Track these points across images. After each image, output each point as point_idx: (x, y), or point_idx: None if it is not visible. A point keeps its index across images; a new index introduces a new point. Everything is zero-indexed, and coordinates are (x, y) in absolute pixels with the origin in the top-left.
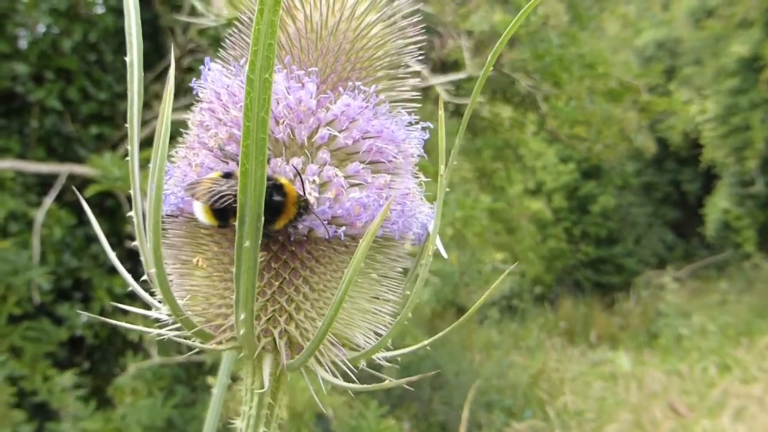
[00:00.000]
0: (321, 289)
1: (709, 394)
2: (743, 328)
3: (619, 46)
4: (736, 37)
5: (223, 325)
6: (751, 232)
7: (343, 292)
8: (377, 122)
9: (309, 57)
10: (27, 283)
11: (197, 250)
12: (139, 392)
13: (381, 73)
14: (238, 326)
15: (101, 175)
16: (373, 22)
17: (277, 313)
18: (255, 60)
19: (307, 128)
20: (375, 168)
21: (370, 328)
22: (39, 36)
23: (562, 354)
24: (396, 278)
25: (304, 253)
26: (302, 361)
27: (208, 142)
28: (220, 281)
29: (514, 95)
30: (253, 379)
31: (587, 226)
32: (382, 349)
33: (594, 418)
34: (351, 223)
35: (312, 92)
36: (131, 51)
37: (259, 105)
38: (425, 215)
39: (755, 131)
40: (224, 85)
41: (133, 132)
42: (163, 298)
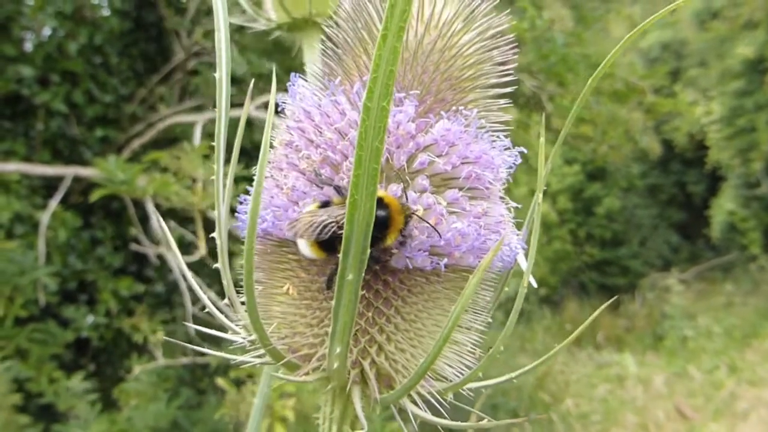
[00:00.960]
0: (412, 319)
1: (715, 397)
2: (749, 330)
3: (625, 47)
4: (742, 38)
5: (311, 356)
6: (757, 234)
7: (449, 329)
8: (476, 147)
9: (405, 78)
10: (33, 284)
11: (282, 275)
12: (144, 394)
13: (476, 94)
14: (331, 360)
15: (106, 179)
16: (471, 40)
17: (367, 345)
18: (374, 87)
19: (406, 153)
20: (472, 195)
21: (457, 359)
22: (44, 39)
23: (568, 356)
24: (481, 307)
25: (397, 282)
26: (397, 397)
27: (299, 164)
28: (307, 309)
29: (519, 96)
30: (333, 408)
31: (592, 227)
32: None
33: (599, 420)
34: (449, 254)
35: (411, 115)
36: (221, 67)
37: (374, 134)
38: (515, 243)
39: (761, 133)
40: (315, 104)
41: (219, 151)
42: (252, 327)
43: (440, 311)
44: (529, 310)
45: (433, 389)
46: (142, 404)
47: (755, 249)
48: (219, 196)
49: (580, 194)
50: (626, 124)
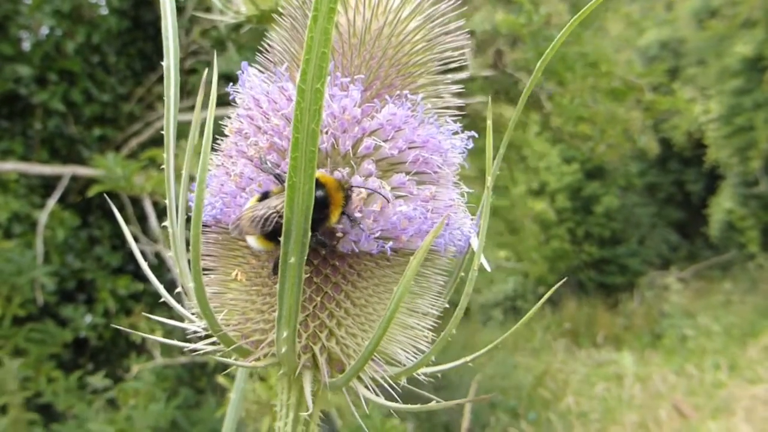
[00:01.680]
0: (362, 304)
1: (714, 395)
2: (748, 328)
3: (623, 45)
4: (740, 37)
5: (262, 341)
6: (755, 233)
7: (392, 312)
8: (423, 131)
9: (352, 63)
10: (31, 283)
11: (234, 262)
12: (143, 394)
13: (425, 79)
14: (279, 344)
15: (104, 175)
16: (419, 26)
17: (317, 329)
18: (307, 69)
19: (352, 138)
20: (420, 179)
21: (411, 343)
22: (42, 38)
23: (566, 355)
24: (437, 292)
25: (346, 267)
26: (346, 381)
27: (248, 151)
28: (257, 295)
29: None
30: (289, 395)
31: (591, 226)
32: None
33: (598, 418)
34: (396, 237)
35: (356, 100)
36: (168, 55)
37: (309, 116)
38: (468, 227)
39: (759, 131)
40: (264, 92)
41: (169, 140)
42: (201, 313)
43: (391, 295)
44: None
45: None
46: (141, 404)
47: (753, 247)
48: (169, 185)
49: (579, 193)
50: (625, 123)
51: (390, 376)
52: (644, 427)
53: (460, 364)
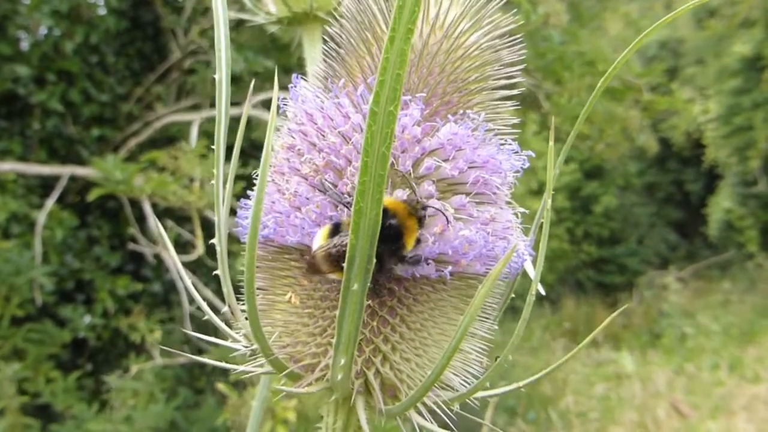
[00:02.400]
0: (417, 328)
1: (713, 394)
2: (746, 327)
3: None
4: (739, 36)
5: (314, 366)
6: (754, 232)
7: (458, 341)
8: (483, 151)
9: (409, 79)
10: (29, 283)
11: (283, 283)
12: (142, 394)
13: (483, 96)
14: (335, 371)
15: (103, 178)
16: (477, 41)
17: (372, 354)
18: (380, 91)
19: (411, 157)
20: (480, 200)
21: (463, 368)
22: (40, 38)
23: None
24: (487, 314)
25: (402, 291)
26: (404, 408)
27: (302, 169)
28: (309, 318)
29: (516, 95)
30: (335, 418)
31: (590, 226)
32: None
33: (597, 418)
34: (456, 261)
35: (416, 119)
36: (220, 68)
37: (380, 140)
38: (522, 249)
39: (758, 131)
40: (318, 107)
41: (219, 154)
42: (254, 336)
43: (446, 320)
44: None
45: (439, 399)
46: (139, 404)
47: (752, 247)
48: (219, 201)
49: (578, 192)
50: (623, 122)
51: (443, 401)
52: (643, 426)
53: (513, 389)
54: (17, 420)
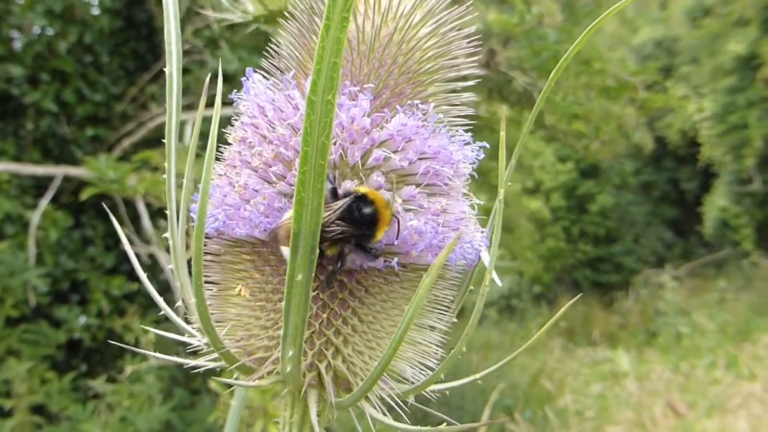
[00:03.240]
0: (370, 321)
1: (709, 393)
2: (742, 326)
3: (616, 43)
4: (733, 35)
5: (266, 359)
6: (749, 230)
7: (403, 330)
8: (434, 142)
9: (361, 71)
10: (23, 285)
11: (236, 276)
12: (137, 395)
13: (436, 87)
14: (284, 363)
15: (97, 178)
16: (430, 32)
17: (323, 347)
18: (317, 80)
19: (361, 149)
20: (431, 191)
21: (418, 360)
22: (34, 38)
23: (562, 353)
24: (445, 306)
25: (354, 283)
26: (354, 400)
27: (252, 161)
28: (261, 311)
29: (511, 93)
30: (292, 412)
31: (586, 225)
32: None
33: (594, 416)
34: (406, 252)
35: (366, 110)
36: (170, 61)
37: (319, 129)
38: (479, 241)
39: (753, 129)
40: (269, 99)
41: (170, 147)
42: (203, 330)
43: (399, 312)
44: (522, 308)
45: (394, 392)
46: (135, 405)
47: (748, 245)
48: (170, 195)
49: (574, 192)
50: (619, 120)
51: (398, 393)
52: (640, 425)
53: (468, 382)
54: (26, 419)
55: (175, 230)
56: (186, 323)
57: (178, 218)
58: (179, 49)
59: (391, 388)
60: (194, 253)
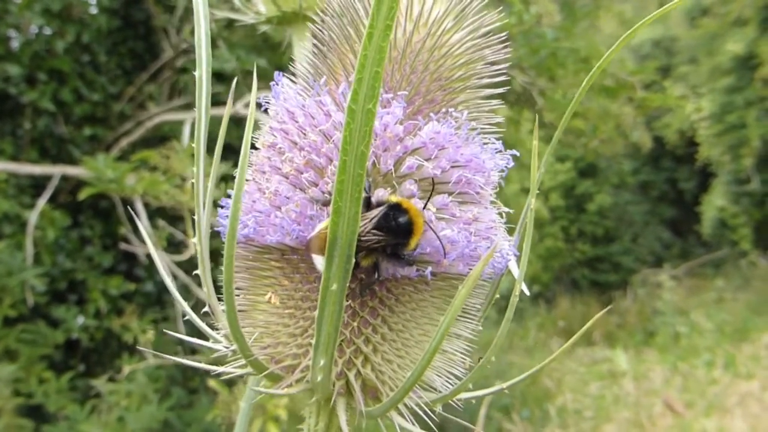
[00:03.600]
0: (399, 329)
1: (707, 392)
2: (740, 325)
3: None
4: (731, 35)
5: (294, 367)
6: (747, 230)
7: (438, 341)
8: (467, 150)
9: (393, 78)
10: (21, 285)
11: (264, 283)
12: (135, 395)
13: (468, 94)
14: (314, 372)
15: (95, 177)
16: (461, 39)
17: (353, 355)
18: (359, 89)
19: (393, 156)
20: (462, 200)
21: (446, 369)
22: (31, 37)
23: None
24: (471, 315)
25: (384, 291)
26: (384, 410)
27: (282, 168)
28: (290, 318)
29: (510, 93)
30: (317, 419)
31: (584, 224)
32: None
33: (592, 416)
34: (438, 261)
35: (399, 117)
36: (200, 65)
37: (359, 138)
38: (507, 249)
39: (751, 129)
40: (299, 105)
41: (200, 152)
42: (233, 337)
43: (428, 320)
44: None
45: (421, 400)
46: (132, 405)
47: (746, 245)
48: (199, 200)
49: (572, 191)
50: (617, 118)
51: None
52: (638, 424)
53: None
54: (12, 421)
55: (203, 235)
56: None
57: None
58: (209, 53)
59: (419, 397)
60: (225, 260)
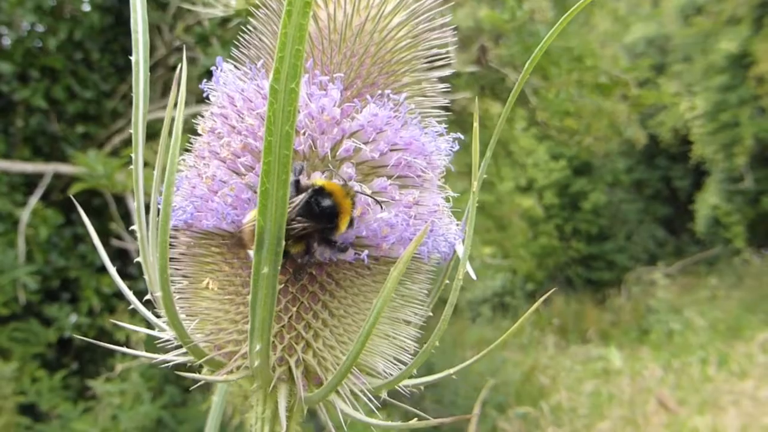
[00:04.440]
0: (341, 314)
1: (701, 389)
2: (733, 323)
3: (608, 40)
4: (725, 33)
5: (235, 353)
6: (741, 228)
7: (371, 324)
8: (406, 133)
9: (332, 60)
10: (13, 283)
11: (205, 269)
12: (128, 394)
13: (409, 78)
14: (252, 357)
15: (86, 173)
16: (403, 21)
17: (293, 341)
18: (280, 68)
19: (330, 139)
20: (402, 183)
21: (392, 354)
22: (23, 34)
23: (555, 350)
24: (419, 300)
25: (324, 276)
26: (322, 396)
27: (221, 152)
28: (230, 304)
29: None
30: (264, 407)
31: (578, 222)
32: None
33: (586, 414)
34: (376, 245)
35: (336, 100)
36: (137, 49)
37: (283, 118)
38: (453, 233)
39: (744, 127)
40: (238, 89)
41: (138, 138)
42: (170, 323)
43: (370, 305)
44: (515, 305)
45: (366, 387)
46: (126, 404)
47: (739, 243)
48: (138, 186)
49: (567, 189)
50: (611, 116)
51: (370, 389)
52: (632, 422)
53: (442, 377)
54: (12, 419)
55: (143, 222)
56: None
57: (148, 210)
58: (146, 39)
59: (363, 383)
60: (159, 246)
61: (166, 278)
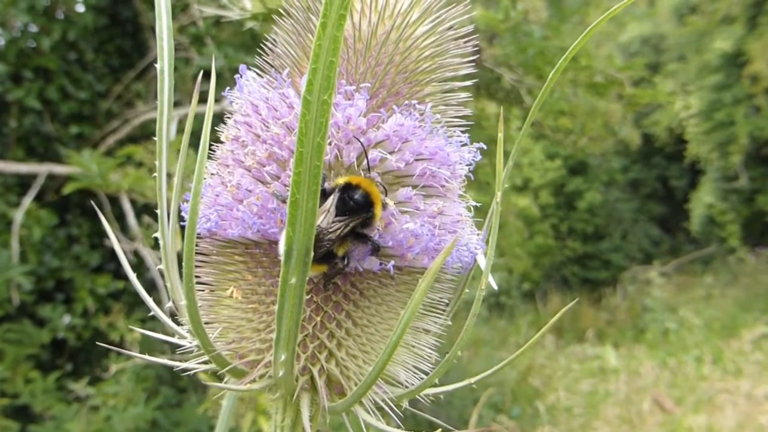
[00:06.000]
0: (364, 324)
1: (696, 388)
2: (728, 321)
3: (603, 40)
4: (719, 32)
5: (258, 362)
6: (736, 227)
7: (399, 336)
8: (431, 143)
9: (357, 70)
10: (6, 283)
11: (228, 278)
12: (122, 395)
13: (433, 87)
14: (276, 367)
15: (81, 173)
16: (428, 31)
17: (317, 350)
18: (314, 79)
19: (356, 149)
20: (427, 193)
21: (413, 364)
22: (17, 35)
23: (552, 350)
24: (440, 309)
25: (348, 286)
26: (347, 406)
27: (245, 161)
28: (254, 313)
29: (499, 91)
30: (284, 416)
31: (574, 222)
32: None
33: (582, 413)
34: (401, 255)
35: (362, 110)
36: (161, 57)
37: (315, 129)
38: (474, 243)
39: (739, 126)
40: (263, 98)
41: (162, 145)
42: (194, 332)
43: (393, 315)
44: (511, 305)
45: (388, 396)
46: (120, 405)
47: (734, 242)
48: (161, 194)
49: (562, 189)
50: (605, 116)
51: (391, 398)
52: (627, 421)
53: (463, 385)
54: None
55: (166, 230)
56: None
57: (169, 217)
58: (171, 46)
59: (384, 392)
60: (185, 255)
61: (191, 287)
